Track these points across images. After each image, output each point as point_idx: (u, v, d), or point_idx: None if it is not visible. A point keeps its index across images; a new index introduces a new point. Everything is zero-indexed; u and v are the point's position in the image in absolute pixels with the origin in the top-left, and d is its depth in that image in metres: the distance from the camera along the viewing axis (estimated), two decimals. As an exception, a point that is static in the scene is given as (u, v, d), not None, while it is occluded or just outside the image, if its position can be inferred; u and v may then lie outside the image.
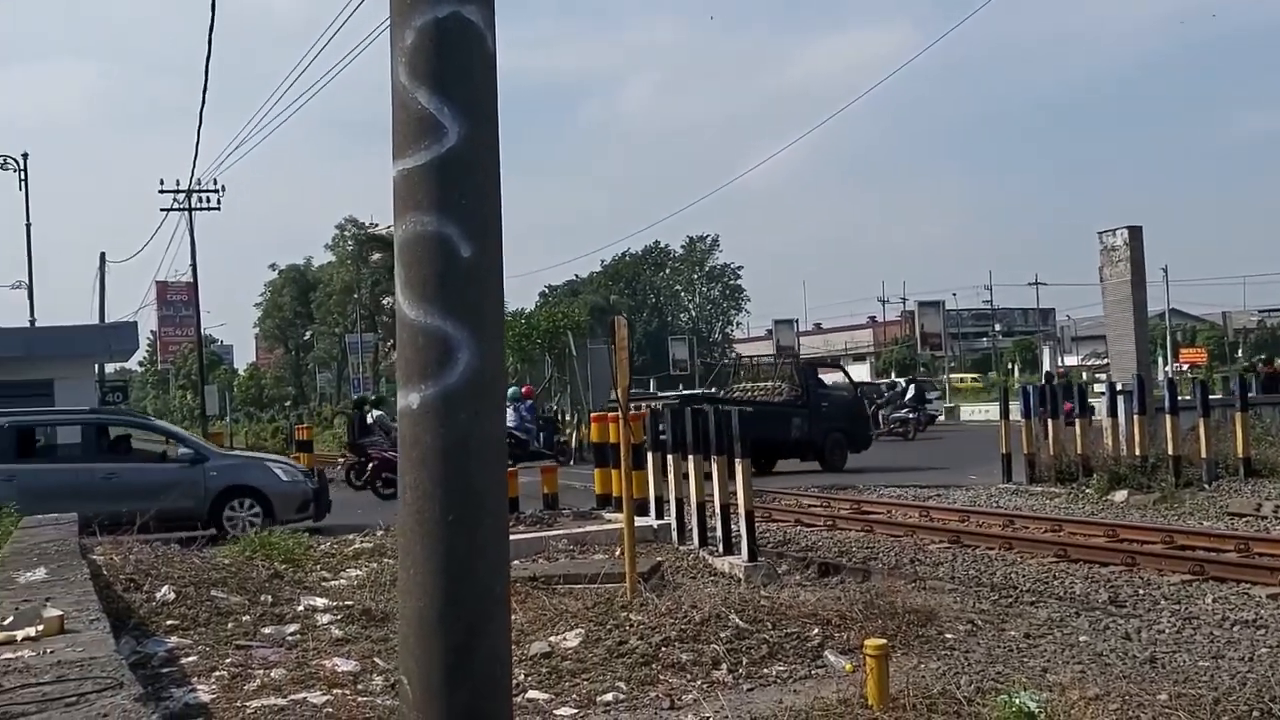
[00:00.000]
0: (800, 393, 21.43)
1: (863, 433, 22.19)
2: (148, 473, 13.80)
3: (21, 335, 27.66)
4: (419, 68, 2.76)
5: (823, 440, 20.96)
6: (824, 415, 21.25)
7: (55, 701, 3.62)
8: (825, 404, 21.61)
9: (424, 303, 2.75)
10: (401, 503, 2.83)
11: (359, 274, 63.97)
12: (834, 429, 21.28)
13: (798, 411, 20.97)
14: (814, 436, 20.88)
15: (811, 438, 20.87)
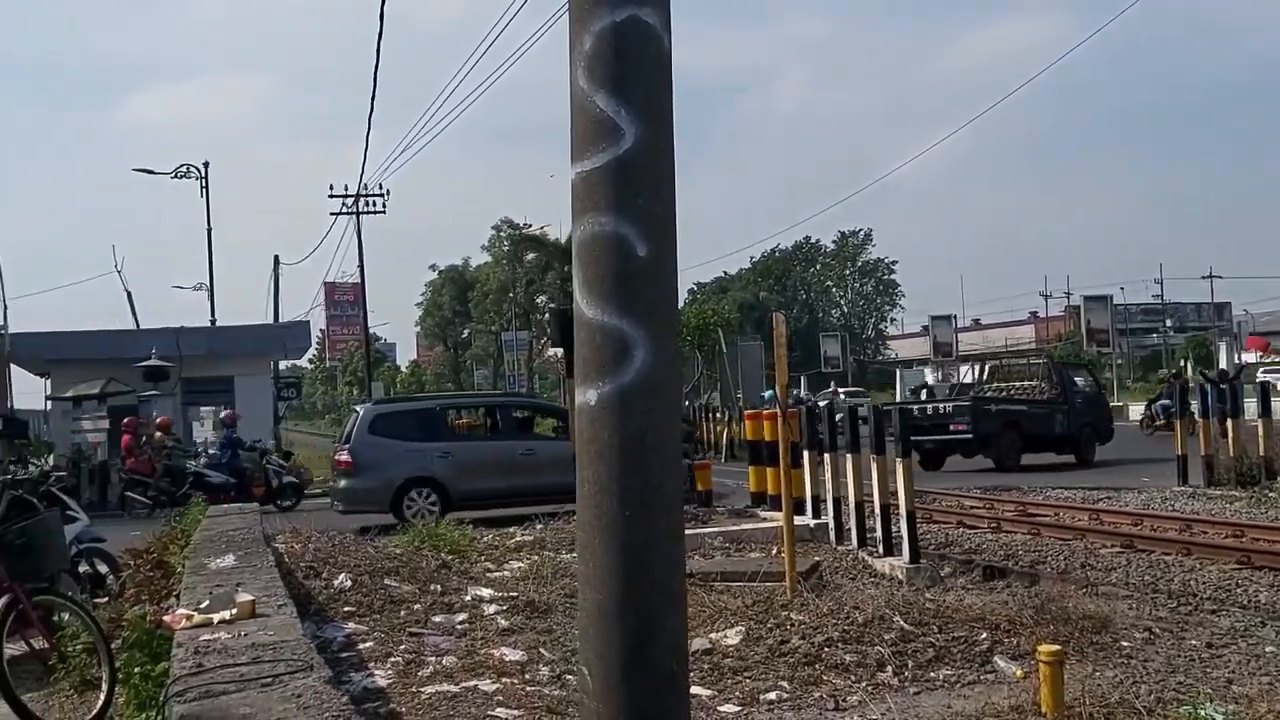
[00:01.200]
0: (1059, 391, 22.33)
1: (1106, 426, 23.12)
2: (557, 449, 14.51)
3: (205, 335, 29.33)
4: (597, 71, 2.81)
5: (1078, 434, 21.77)
6: (1078, 411, 22.16)
7: (252, 682, 3.83)
8: (1079, 400, 22.59)
9: (601, 302, 2.81)
10: (580, 497, 2.89)
11: (514, 274, 65.43)
12: (1085, 424, 22.10)
13: (1059, 408, 21.91)
14: (1071, 431, 21.70)
15: (1069, 432, 21.71)
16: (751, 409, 18.14)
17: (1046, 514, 13.38)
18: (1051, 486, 16.76)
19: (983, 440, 20.70)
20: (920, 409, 21.75)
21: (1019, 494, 15.73)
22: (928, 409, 21.77)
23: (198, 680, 3.88)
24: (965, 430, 20.54)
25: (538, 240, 57.48)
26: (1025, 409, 21.89)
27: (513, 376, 61.45)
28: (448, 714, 5.18)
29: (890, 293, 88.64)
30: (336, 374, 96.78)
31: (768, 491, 12.19)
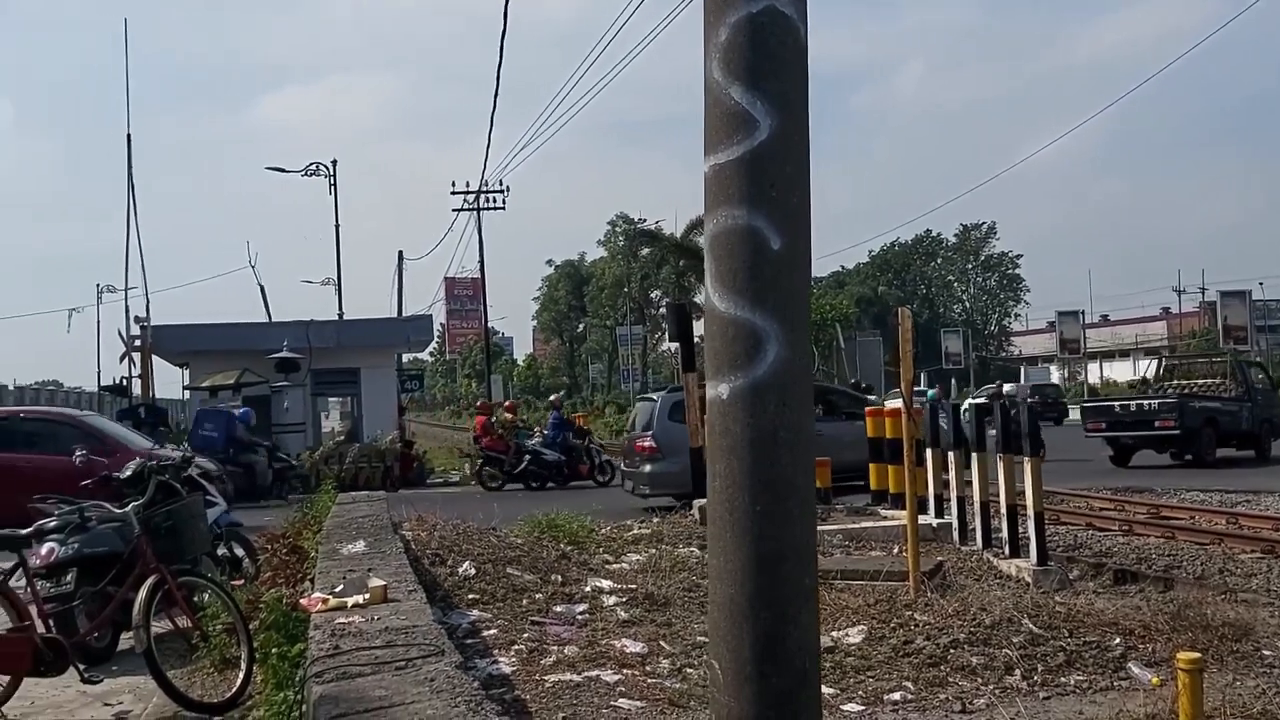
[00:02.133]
0: (1244, 388, 22.62)
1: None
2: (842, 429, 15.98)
3: (333, 327, 30.22)
4: (733, 63, 2.80)
5: (1259, 430, 22.14)
6: (1260, 407, 22.52)
7: (386, 665, 3.94)
8: (1260, 397, 22.91)
9: (734, 295, 2.79)
10: (710, 491, 2.88)
11: (629, 268, 65.74)
12: (1265, 419, 22.42)
13: (1245, 405, 22.29)
14: (1254, 428, 22.09)
15: (1253, 429, 22.09)
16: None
17: (1181, 517, 12.88)
18: (1184, 489, 16.13)
19: (1188, 436, 20.93)
20: (1123, 405, 22.34)
21: (1151, 496, 15.18)
22: (1130, 405, 22.11)
23: (335, 662, 4.01)
24: (1172, 426, 20.77)
25: (653, 235, 57.59)
26: (1220, 406, 22.12)
27: (627, 370, 61.81)
28: (571, 703, 5.24)
29: (1014, 287, 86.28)
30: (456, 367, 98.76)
31: (889, 489, 12.00)
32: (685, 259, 51.41)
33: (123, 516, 6.46)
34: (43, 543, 6.79)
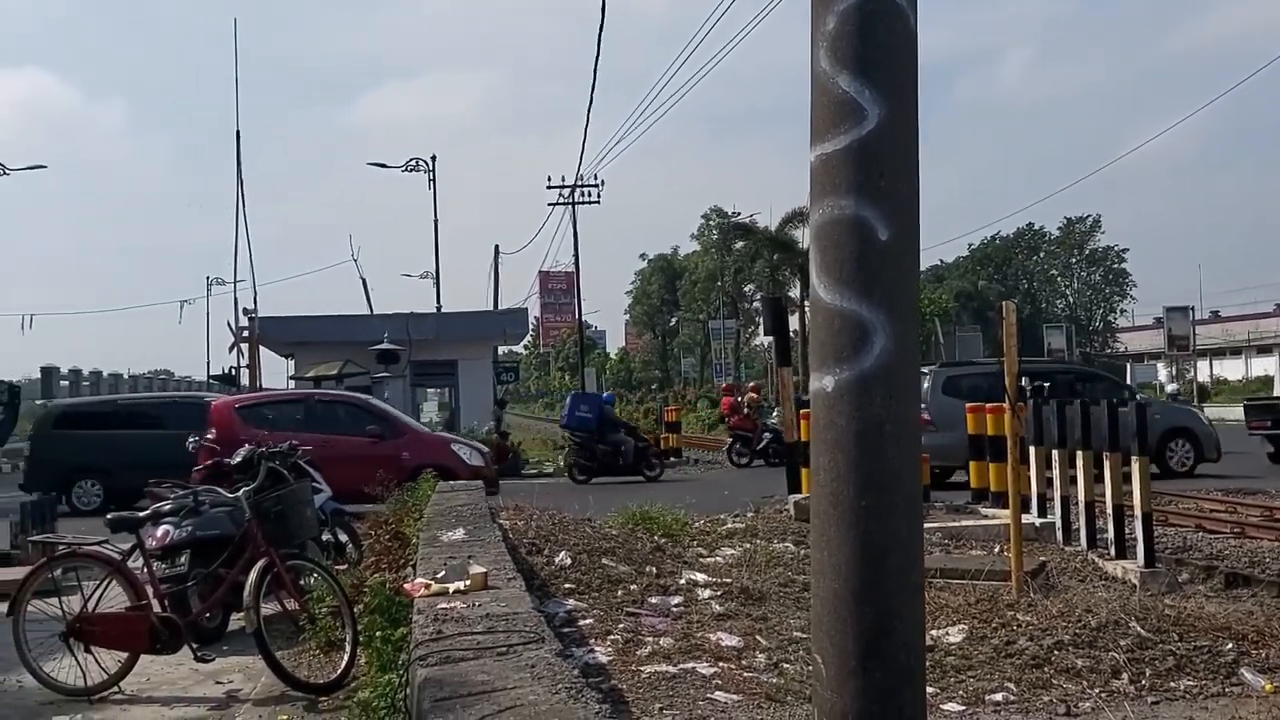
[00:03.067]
0: None
1: None
2: None
3: (432, 320, 30.77)
4: (840, 52, 2.77)
5: None
6: None
7: (488, 650, 3.99)
8: None
9: (840, 286, 2.77)
10: (814, 484, 2.86)
11: (723, 262, 65.53)
12: None
13: None
14: None
15: None
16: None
17: (1299, 521, 12.37)
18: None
19: None
20: None
21: (1265, 498, 14.60)
22: None
23: (438, 646, 4.08)
24: None
25: (746, 228, 57.28)
26: None
27: (719, 365, 61.63)
28: (668, 694, 5.25)
29: (1120, 282, 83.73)
30: (549, 360, 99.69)
31: (989, 487, 11.77)
32: (780, 253, 51.04)
33: (234, 501, 6.68)
34: (158, 525, 7.06)
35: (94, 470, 18.49)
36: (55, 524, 11.76)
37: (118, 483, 17.44)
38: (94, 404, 23.56)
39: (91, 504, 17.76)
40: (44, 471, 18.35)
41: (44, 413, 19.97)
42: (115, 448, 18.13)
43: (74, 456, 18.56)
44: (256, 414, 16.05)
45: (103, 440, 18.57)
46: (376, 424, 15.82)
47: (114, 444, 18.30)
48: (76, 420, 19.78)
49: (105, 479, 18.15)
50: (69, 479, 18.24)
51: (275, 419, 15.84)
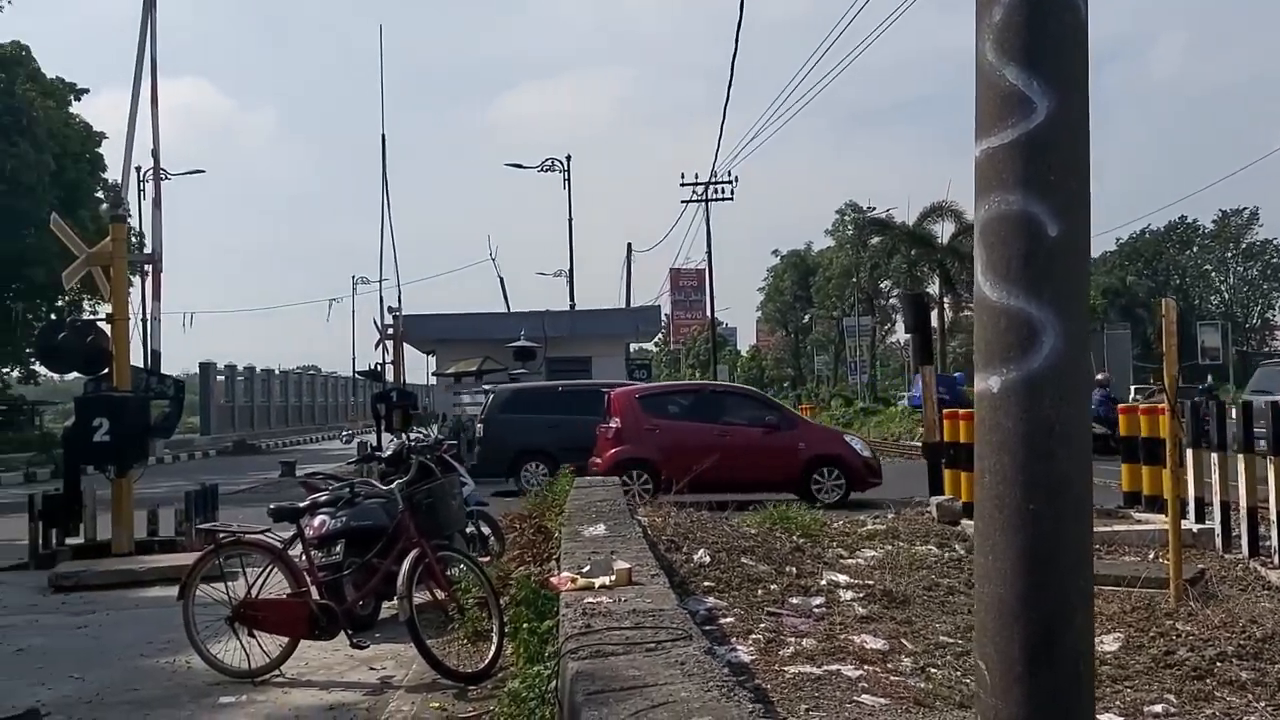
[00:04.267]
0: None
1: None
2: None
3: (567, 318, 31.23)
4: (1007, 43, 2.70)
5: None
6: None
7: (637, 646, 4.03)
8: None
9: (1006, 284, 2.69)
10: (978, 487, 2.80)
11: (858, 258, 64.55)
12: None
13: None
14: None
15: None
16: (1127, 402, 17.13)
17: None
18: None
19: None
20: None
21: None
22: None
23: (587, 640, 4.14)
24: None
25: (883, 224, 56.30)
26: None
27: (854, 363, 60.76)
28: (813, 695, 5.20)
29: (1278, 278, 79.47)
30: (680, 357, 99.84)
31: (1143, 491, 11.31)
32: (918, 248, 50.03)
33: (388, 493, 6.90)
34: (315, 515, 7.34)
35: (540, 453, 19.11)
36: (217, 513, 12.34)
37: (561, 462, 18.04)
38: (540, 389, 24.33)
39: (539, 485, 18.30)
40: (495, 453, 19.22)
41: (494, 397, 20.77)
42: (559, 431, 18.85)
43: (522, 439, 19.29)
44: (656, 403, 16.95)
45: (548, 423, 19.27)
46: (770, 415, 16.38)
47: (558, 427, 18.98)
48: (524, 404, 20.45)
49: (550, 462, 18.55)
50: (517, 461, 19.10)
51: (674, 409, 16.77)
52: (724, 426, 15.63)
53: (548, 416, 19.45)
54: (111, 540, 11.52)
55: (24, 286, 37.99)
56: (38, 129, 35.40)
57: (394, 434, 21.67)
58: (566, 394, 20.94)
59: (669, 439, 15.86)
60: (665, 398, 17.78)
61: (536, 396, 21.32)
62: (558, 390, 21.77)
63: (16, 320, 39.59)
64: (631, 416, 16.20)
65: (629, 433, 16.24)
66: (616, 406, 16.45)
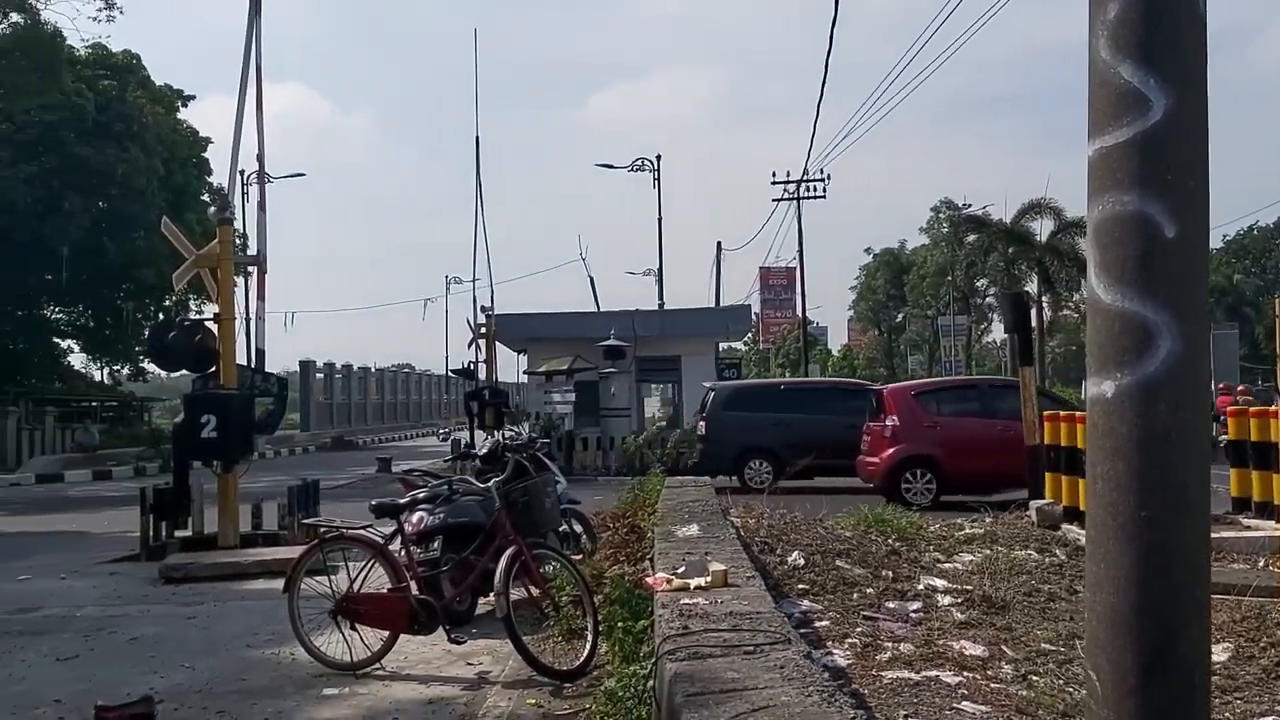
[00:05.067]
0: None
1: None
2: None
3: (657, 317, 31.27)
4: (1122, 39, 2.63)
5: None
6: None
7: (735, 649, 4.02)
8: None
9: (1121, 286, 2.62)
10: (1090, 494, 2.73)
11: (953, 256, 63.40)
12: None
13: None
14: None
15: None
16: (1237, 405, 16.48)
17: None
18: None
19: None
20: None
21: None
22: None
23: (685, 641, 4.15)
24: None
25: (980, 221, 55.18)
26: None
27: (949, 362, 59.72)
28: (911, 701, 5.13)
29: (1397, 274, 75.98)
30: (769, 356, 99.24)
31: (1253, 497, 10.91)
32: (1015, 246, 48.95)
33: (485, 491, 6.99)
34: (414, 512, 7.48)
35: (764, 450, 19.20)
36: (318, 507, 12.65)
37: (785, 462, 18.20)
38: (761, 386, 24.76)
39: (763, 482, 18.36)
40: (718, 451, 19.51)
41: (715, 395, 20.88)
42: (782, 429, 19.01)
43: (746, 436, 19.40)
44: (934, 400, 17.04)
45: (771, 421, 19.35)
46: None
47: (781, 425, 19.12)
48: (746, 402, 20.54)
49: (774, 459, 18.85)
50: (741, 458, 19.30)
51: (952, 405, 16.88)
52: (1005, 421, 15.15)
53: (771, 414, 19.46)
54: (218, 533, 11.90)
55: (134, 287, 39.40)
56: (147, 135, 36.69)
57: (486, 431, 22.01)
58: (789, 391, 21.18)
59: (951, 435, 15.72)
60: (942, 394, 17.63)
61: (758, 394, 21.55)
62: (779, 388, 22.07)
63: (127, 320, 41.11)
64: (909, 413, 16.01)
65: (908, 430, 16.03)
66: (893, 404, 16.22)
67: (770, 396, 20.83)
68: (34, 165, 34.04)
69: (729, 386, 22.43)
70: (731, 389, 21.76)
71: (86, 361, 47.53)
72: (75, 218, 34.44)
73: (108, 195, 35.60)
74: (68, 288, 37.63)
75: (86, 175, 34.59)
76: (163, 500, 12.16)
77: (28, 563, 12.26)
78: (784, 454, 18.24)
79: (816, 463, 18.11)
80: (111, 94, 36.50)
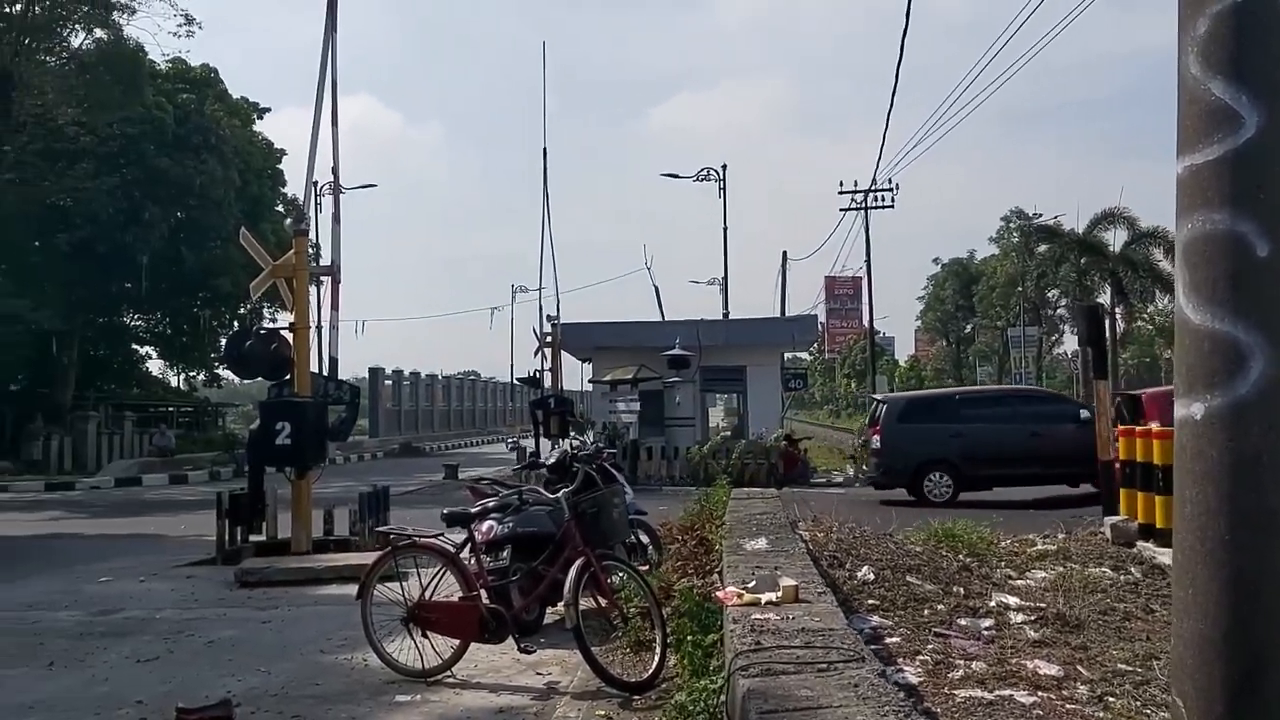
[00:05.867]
0: None
1: None
2: None
3: (722, 326, 31.20)
4: (1214, 57, 2.59)
5: None
6: None
7: (808, 666, 4.00)
8: None
9: (1212, 305, 2.58)
10: (1178, 518, 2.68)
11: (1024, 266, 62.43)
12: None
13: None
14: None
15: None
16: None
17: None
18: None
19: None
20: None
21: None
22: None
23: (757, 657, 4.14)
24: None
25: (1051, 231, 54.25)
26: None
27: (1019, 374, 58.79)
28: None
29: None
30: (835, 366, 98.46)
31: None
32: (1088, 256, 48.07)
33: (555, 501, 7.02)
34: (484, 521, 7.55)
35: (942, 462, 18.66)
36: (388, 514, 12.83)
37: (965, 474, 18.23)
38: (936, 397, 24.17)
39: (943, 496, 18.33)
40: (895, 464, 19.19)
41: (888, 407, 20.42)
42: (962, 439, 18.55)
43: (924, 449, 18.85)
44: None
45: (949, 432, 18.78)
46: None
47: (960, 436, 18.62)
48: (921, 413, 19.97)
49: (953, 471, 18.52)
50: (919, 472, 18.79)
51: None
52: None
53: (949, 425, 18.93)
54: (291, 538, 12.10)
55: (210, 295, 40.33)
56: (225, 147, 37.56)
57: (551, 439, 22.13)
58: (966, 401, 20.53)
59: None
60: None
61: (934, 404, 21.03)
62: (954, 398, 21.40)
63: (203, 327, 42.10)
64: None
65: None
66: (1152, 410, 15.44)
67: (947, 406, 20.16)
68: (115, 177, 35.00)
69: (902, 398, 22.04)
70: (905, 400, 21.38)
71: (163, 367, 48.74)
72: (155, 228, 35.35)
73: (186, 205, 36.49)
74: (147, 296, 38.63)
75: (165, 186, 35.50)
76: (238, 505, 12.41)
77: (108, 565, 12.58)
78: (964, 466, 18.02)
79: (998, 473, 17.86)
80: (190, 107, 37.43)
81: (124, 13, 32.45)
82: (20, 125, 31.04)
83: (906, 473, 18.80)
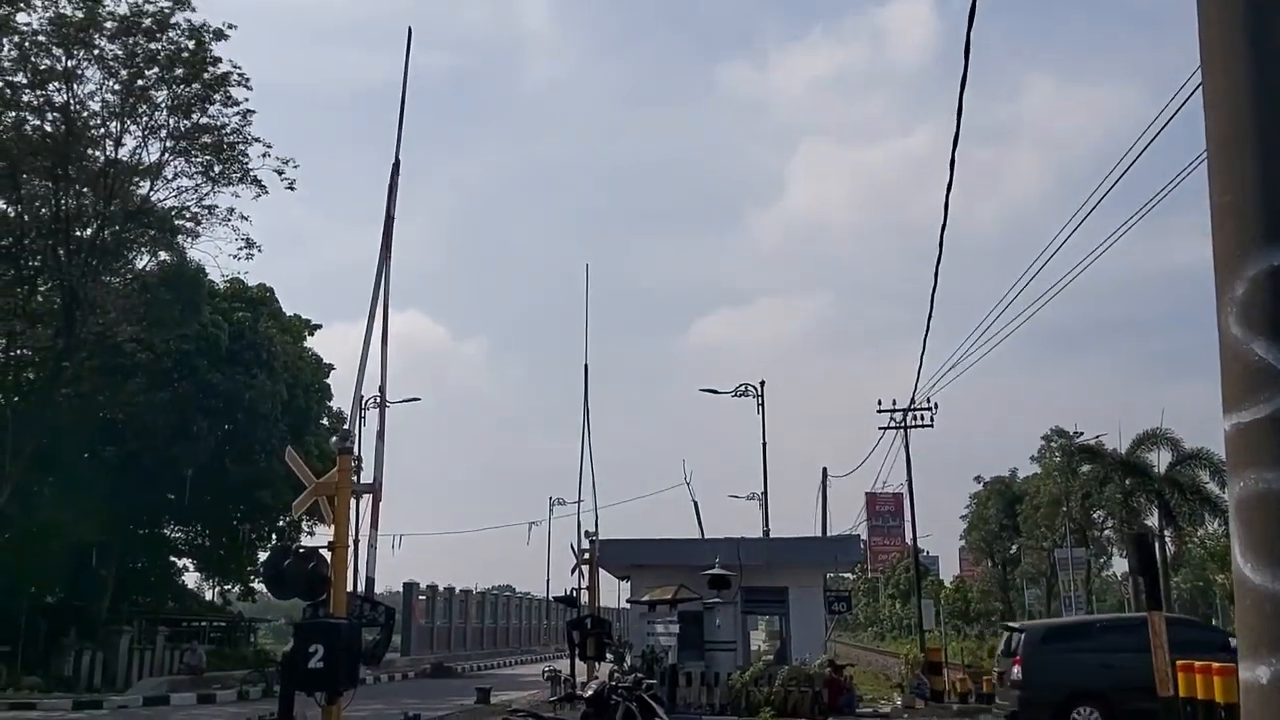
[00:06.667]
0: None
1: None
2: None
3: (763, 545, 30.71)
4: (1252, 319, 2.63)
5: None
6: None
7: None
8: None
9: (1271, 567, 2.52)
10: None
11: (1067, 487, 61.61)
12: None
13: None
14: None
15: None
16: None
17: None
18: None
19: None
20: None
21: None
22: None
23: None
24: None
25: (1093, 451, 53.83)
26: None
27: (1068, 597, 57.04)
28: None
29: None
30: (878, 585, 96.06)
31: None
32: (1132, 477, 47.43)
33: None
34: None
35: (1095, 696, 17.59)
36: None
37: (1116, 707, 17.17)
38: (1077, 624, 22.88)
39: None
40: (1038, 697, 18.10)
41: (1027, 635, 19.51)
42: (1112, 670, 17.38)
43: (1072, 679, 17.83)
44: None
45: (1098, 662, 17.76)
46: None
47: (1109, 666, 17.48)
48: (1064, 641, 19.06)
49: (1105, 706, 17.50)
50: (1068, 703, 17.74)
51: None
52: None
53: (1096, 654, 17.85)
54: (318, 767, 11.68)
55: (250, 508, 40.56)
56: (275, 362, 38.65)
57: (587, 662, 21.51)
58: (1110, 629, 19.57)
59: None
60: None
61: (1076, 631, 20.05)
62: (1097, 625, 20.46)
63: (242, 540, 42.15)
64: None
65: None
66: None
67: (1090, 634, 19.22)
68: (168, 392, 35.94)
69: (1042, 626, 21.24)
70: (1044, 628, 20.56)
71: (199, 580, 48.56)
72: (202, 441, 35.97)
73: (234, 419, 37.21)
74: (189, 507, 38.91)
75: (215, 399, 36.34)
76: (266, 732, 12.07)
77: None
78: (1115, 698, 17.00)
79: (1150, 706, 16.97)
80: (245, 324, 38.75)
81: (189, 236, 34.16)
82: (82, 342, 32.18)
83: (1053, 705, 17.63)
